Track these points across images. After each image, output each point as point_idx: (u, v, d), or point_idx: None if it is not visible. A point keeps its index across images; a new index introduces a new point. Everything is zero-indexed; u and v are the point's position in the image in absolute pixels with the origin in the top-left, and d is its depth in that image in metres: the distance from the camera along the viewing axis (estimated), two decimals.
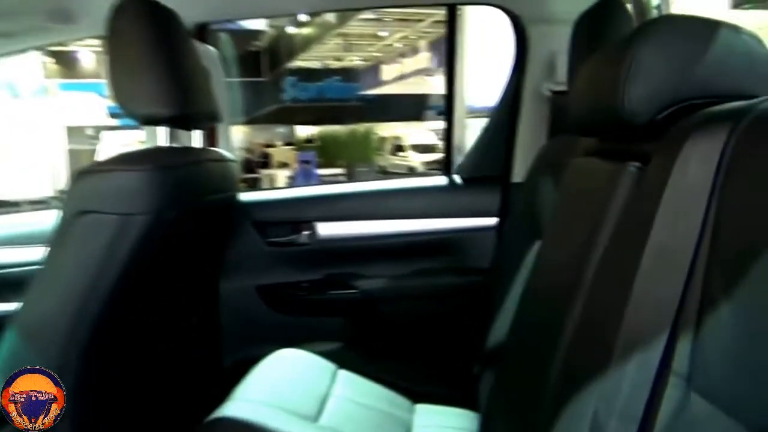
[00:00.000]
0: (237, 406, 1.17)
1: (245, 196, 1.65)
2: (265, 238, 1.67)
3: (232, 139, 1.75)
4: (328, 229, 1.66)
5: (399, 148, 14.66)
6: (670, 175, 0.59)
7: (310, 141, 15.53)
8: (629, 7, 1.21)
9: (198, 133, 1.39)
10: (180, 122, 1.20)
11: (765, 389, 0.45)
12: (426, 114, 16.41)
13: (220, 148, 1.57)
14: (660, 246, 0.58)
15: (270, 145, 14.23)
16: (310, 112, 16.48)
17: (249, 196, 1.69)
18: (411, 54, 16.30)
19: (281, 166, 11.95)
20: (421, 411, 1.32)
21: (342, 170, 12.36)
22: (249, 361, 1.39)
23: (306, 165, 9.72)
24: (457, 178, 1.71)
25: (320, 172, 10.92)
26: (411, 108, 16.12)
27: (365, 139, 15.32)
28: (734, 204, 0.52)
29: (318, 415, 1.19)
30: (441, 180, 1.72)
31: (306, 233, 1.66)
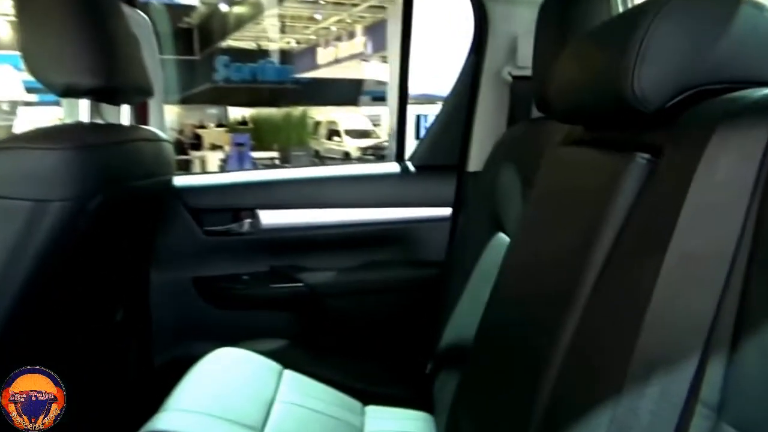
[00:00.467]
0: (170, 417, 1.03)
1: (180, 181, 1.50)
2: (201, 226, 1.52)
3: (165, 118, 1.59)
4: (272, 218, 1.54)
5: (334, 133, 14.47)
6: (695, 172, 0.50)
7: (244, 123, 15.08)
8: None
9: (126, 109, 1.23)
10: (105, 95, 1.04)
11: None
12: (361, 99, 16.29)
13: (151, 126, 1.41)
14: (685, 254, 0.50)
15: (202, 127, 13.71)
16: (243, 94, 16.01)
17: (184, 181, 1.53)
18: (347, 38, 16.08)
19: (214, 148, 11.54)
20: (372, 413, 1.22)
21: (276, 154, 12.05)
22: (183, 361, 1.26)
23: (240, 147, 9.40)
24: (410, 166, 1.61)
25: (254, 155, 10.61)
26: (346, 93, 15.94)
27: (300, 123, 15.01)
28: None
29: (263, 424, 1.07)
30: (393, 167, 1.62)
31: (247, 222, 1.53)
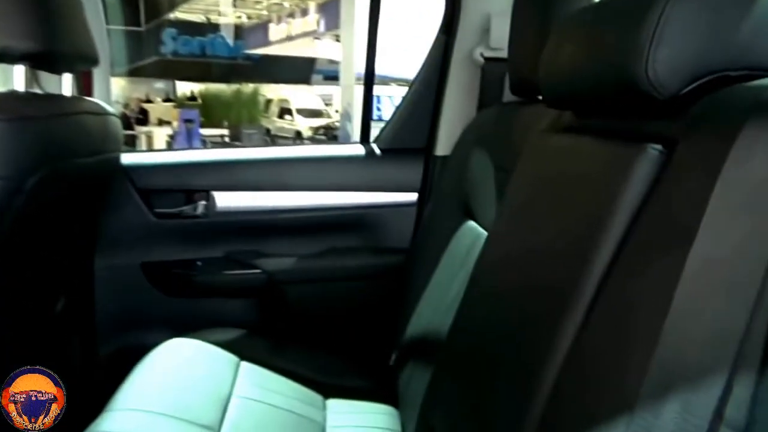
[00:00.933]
0: (117, 417, 0.94)
1: (128, 159, 1.38)
2: (151, 208, 1.41)
3: (111, 90, 1.46)
4: (228, 200, 1.44)
5: (286, 111, 14.19)
6: (722, 168, 0.45)
7: (193, 99, 14.59)
8: None
9: (68, 79, 1.11)
10: (44, 61, 0.93)
11: None
12: (313, 78, 16.00)
13: (96, 99, 1.28)
14: (711, 257, 0.45)
15: (148, 101, 13.19)
16: (192, 68, 15.46)
17: (133, 159, 1.41)
18: (299, 15, 15.71)
19: (161, 123, 11.12)
20: (334, 407, 1.16)
21: (226, 131, 11.72)
22: (130, 353, 1.17)
23: (189, 124, 9.08)
24: (376, 149, 1.54)
25: (202, 132, 10.29)
26: (298, 71, 15.63)
27: (251, 100, 14.63)
28: None
29: (220, 423, 0.99)
30: (358, 150, 1.54)
31: (202, 204, 1.43)
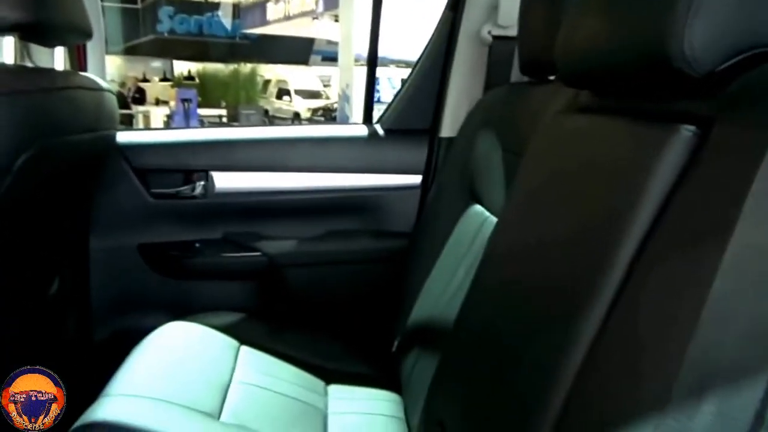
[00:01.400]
0: (113, 403, 0.91)
1: (124, 137, 1.34)
2: (148, 188, 1.38)
3: (106, 67, 1.41)
4: (227, 181, 1.40)
5: (284, 92, 14.06)
6: (766, 152, 0.42)
7: (191, 78, 14.44)
8: None
9: (61, 53, 1.06)
10: (34, 33, 0.88)
11: None
12: (312, 59, 15.83)
13: (90, 74, 1.23)
14: (751, 250, 0.41)
15: (145, 80, 13.05)
16: (189, 47, 15.28)
17: (129, 137, 1.37)
18: None
19: (158, 103, 11.02)
20: (336, 393, 1.14)
21: (224, 112, 11.62)
22: (126, 337, 1.15)
23: (186, 103, 8.98)
24: (379, 129, 1.49)
25: (200, 112, 10.19)
26: (297, 51, 15.45)
27: (249, 80, 14.50)
28: None
29: (220, 409, 0.97)
30: (360, 130, 1.50)
31: (200, 184, 1.39)
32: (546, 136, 0.78)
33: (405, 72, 1.95)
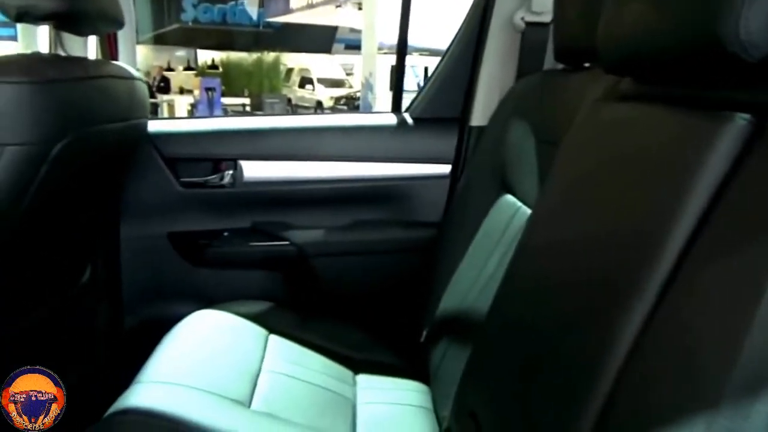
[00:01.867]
0: (146, 390, 0.92)
1: (154, 126, 1.35)
2: (177, 177, 1.38)
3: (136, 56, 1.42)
4: (255, 170, 1.40)
5: (306, 81, 14.07)
6: None
7: (214, 67, 14.52)
8: None
9: (93, 42, 1.07)
10: (68, 22, 0.89)
11: None
12: (335, 47, 15.80)
13: (121, 63, 1.24)
14: None
15: (169, 69, 13.17)
16: (212, 36, 15.35)
17: (159, 126, 1.38)
18: None
19: (182, 92, 11.11)
20: (364, 383, 1.14)
21: (247, 100, 11.66)
22: (157, 324, 1.16)
23: (210, 92, 9.04)
24: (408, 118, 1.48)
25: (224, 101, 10.25)
26: (320, 39, 15.43)
27: (272, 69, 14.53)
28: None
29: (250, 398, 0.97)
30: (389, 119, 1.49)
31: (228, 173, 1.39)
32: (585, 125, 0.76)
33: (428, 60, 1.93)
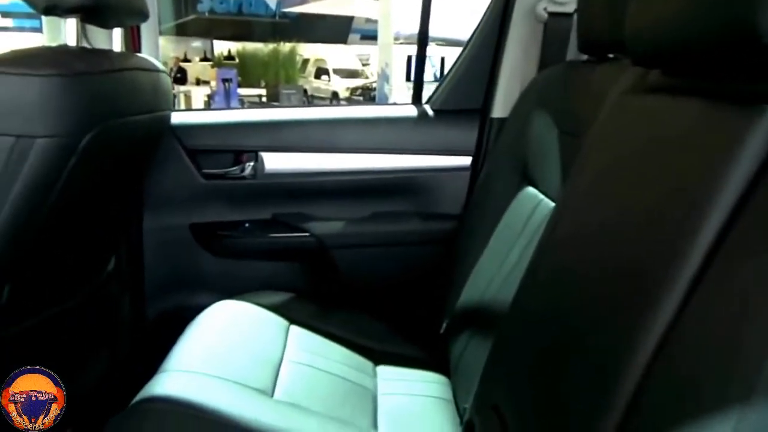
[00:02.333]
0: (171, 378, 0.94)
1: (176, 118, 1.36)
2: (199, 169, 1.40)
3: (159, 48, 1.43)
4: (276, 162, 1.41)
5: (322, 71, 14.05)
6: None
7: (231, 58, 14.56)
8: None
9: (118, 34, 1.08)
10: (95, 14, 0.90)
11: None
12: (350, 37, 15.75)
13: (145, 55, 1.25)
14: None
15: (186, 60, 13.21)
16: (229, 26, 15.38)
17: (182, 118, 1.39)
18: None
19: (199, 83, 11.14)
20: (384, 374, 1.15)
21: (263, 91, 11.68)
22: (178, 314, 1.19)
23: (227, 83, 9.07)
24: (429, 110, 1.48)
25: (240, 92, 10.27)
26: (335, 29, 15.39)
27: (289, 60, 14.53)
28: None
29: (273, 387, 0.99)
30: (409, 110, 1.49)
31: (250, 165, 1.41)
32: (611, 118, 0.75)
33: (445, 51, 1.92)
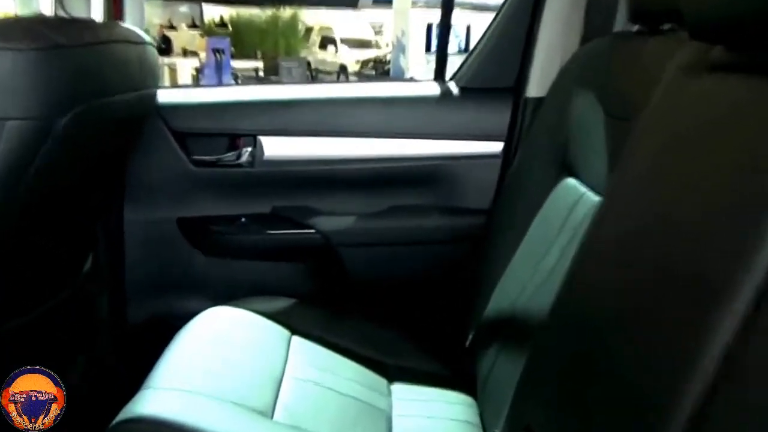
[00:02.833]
0: (156, 397, 0.95)
1: (163, 97, 1.38)
2: (189, 154, 1.42)
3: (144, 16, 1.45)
4: (277, 147, 1.43)
5: (328, 41, 14.05)
6: None
7: (223, 25, 14.59)
8: None
9: (99, 2, 1.10)
10: None
11: None
12: (361, 2, 15.75)
13: (128, 24, 1.27)
14: None
15: (171, 27, 13.27)
16: None
17: (168, 97, 1.41)
18: None
19: (186, 54, 11.19)
20: (400, 393, 1.17)
21: (260, 64, 11.71)
22: (164, 321, 1.22)
23: (219, 54, 9.08)
24: (454, 88, 1.49)
25: (233, 64, 10.30)
26: None
27: (289, 28, 14.54)
28: None
29: (273, 407, 1.00)
30: (432, 88, 1.50)
31: (247, 151, 1.43)
32: (666, 99, 0.75)
33: (471, 18, 1.92)
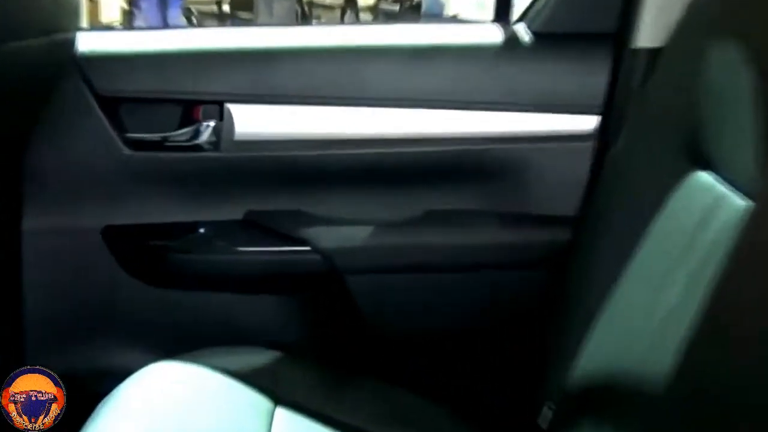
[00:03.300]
0: None
1: (84, 44, 1.39)
2: (121, 130, 1.43)
3: None
4: (255, 122, 1.44)
5: None
6: None
7: None
8: None
9: None
10: None
11: None
12: None
13: None
14: None
15: None
16: None
17: (92, 44, 1.42)
18: None
19: None
20: None
21: None
22: (85, 380, 1.26)
23: None
24: (523, 33, 1.49)
25: None
26: None
27: None
28: None
29: None
30: (489, 34, 1.51)
31: (208, 126, 1.44)
32: None
33: None
